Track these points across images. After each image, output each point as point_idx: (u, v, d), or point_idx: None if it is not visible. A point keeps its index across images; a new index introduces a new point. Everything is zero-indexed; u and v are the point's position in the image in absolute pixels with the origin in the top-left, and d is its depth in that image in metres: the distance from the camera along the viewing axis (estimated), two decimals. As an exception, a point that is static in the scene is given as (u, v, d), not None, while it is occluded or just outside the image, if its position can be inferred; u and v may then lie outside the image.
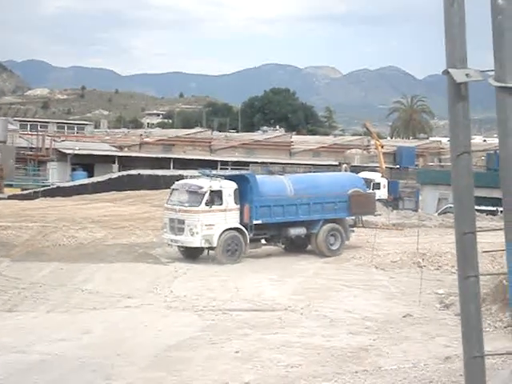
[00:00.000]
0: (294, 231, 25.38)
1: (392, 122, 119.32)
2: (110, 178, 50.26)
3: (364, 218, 31.45)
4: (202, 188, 24.01)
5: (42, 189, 48.92)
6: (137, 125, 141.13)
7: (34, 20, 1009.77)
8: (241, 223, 24.18)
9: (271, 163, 61.01)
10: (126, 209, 37.10)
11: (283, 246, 26.08)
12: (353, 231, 27.11)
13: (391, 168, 64.40)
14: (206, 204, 23.74)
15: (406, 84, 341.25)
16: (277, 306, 17.08)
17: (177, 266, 22.71)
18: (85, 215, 34.35)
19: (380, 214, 41.00)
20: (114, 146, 67.46)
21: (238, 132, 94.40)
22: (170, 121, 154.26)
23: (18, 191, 48.96)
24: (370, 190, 53.08)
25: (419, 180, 52.29)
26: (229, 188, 24.32)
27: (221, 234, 23.74)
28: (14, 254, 23.55)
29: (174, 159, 60.71)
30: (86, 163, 56.78)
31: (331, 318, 15.86)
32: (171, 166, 58.62)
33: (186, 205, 24.00)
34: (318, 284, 20.36)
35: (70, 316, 15.55)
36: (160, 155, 62.70)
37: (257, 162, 61.39)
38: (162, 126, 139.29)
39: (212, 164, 59.85)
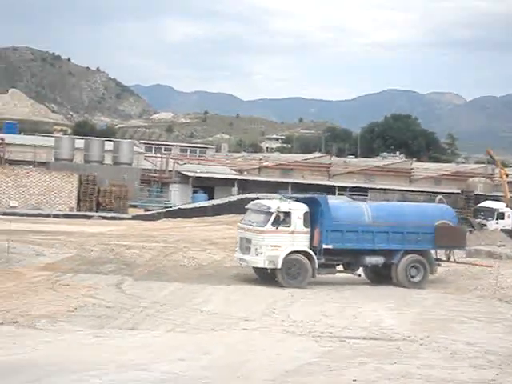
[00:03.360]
0: (370, 259, 24.64)
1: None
2: (229, 201, 50.95)
3: (487, 248, 30.44)
4: (269, 208, 23.93)
5: (165, 210, 50.19)
6: (256, 149, 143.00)
7: (161, 46, 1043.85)
8: (311, 247, 23.84)
9: (390, 190, 60.29)
10: (245, 232, 37.41)
11: (359, 275, 25.26)
12: (439, 265, 25.82)
13: (516, 198, 62.19)
14: (273, 225, 23.60)
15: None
16: (395, 335, 16.77)
17: (293, 290, 22.71)
18: (204, 237, 35.02)
19: (504, 245, 39.63)
20: (233, 170, 68.62)
21: (356, 158, 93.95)
22: (289, 145, 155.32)
23: (141, 212, 50.48)
24: (494, 220, 52.01)
25: (546, 210, 50.36)
26: (298, 210, 24.02)
27: (285, 256, 23.47)
28: (136, 273, 24.23)
29: (293, 184, 60.92)
30: (207, 186, 57.93)
31: (452, 349, 15.42)
32: (289, 191, 58.86)
33: (254, 224, 24.11)
34: (438, 315, 19.88)
35: (189, 336, 15.79)
36: (279, 179, 63.12)
37: (375, 188, 60.79)
38: (281, 150, 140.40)
39: (330, 189, 59.75)
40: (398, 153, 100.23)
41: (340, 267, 25.18)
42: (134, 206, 51.86)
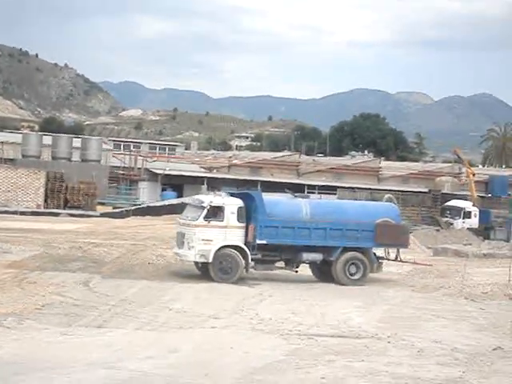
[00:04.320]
0: (308, 256, 24.55)
1: (484, 150, 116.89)
2: (198, 199, 50.82)
3: (454, 247, 30.68)
4: (202, 203, 24.00)
5: (133, 208, 50.01)
6: (226, 147, 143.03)
7: (130, 43, 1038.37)
8: (246, 242, 23.83)
9: (358, 188, 60.65)
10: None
11: (296, 271, 25.02)
12: (380, 263, 25.46)
13: (483, 197, 63.01)
14: (205, 219, 23.57)
15: (499, 112, 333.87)
16: (363, 333, 16.87)
17: (262, 288, 22.77)
18: (173, 235, 34.82)
19: (470, 244, 40.13)
20: (203, 168, 68.49)
21: (326, 156, 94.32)
22: (259, 143, 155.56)
23: (109, 209, 50.21)
24: (461, 219, 52.61)
25: (512, 210, 51.07)
26: (232, 205, 23.96)
27: (217, 251, 23.47)
28: (104, 271, 24.10)
29: (262, 182, 61.05)
30: (176, 183, 57.82)
31: (419, 347, 15.55)
32: (258, 188, 58.93)
33: (188, 219, 24.23)
34: (406, 313, 20.03)
35: (157, 334, 15.75)
36: (248, 177, 63.19)
37: (344, 187, 61.10)
38: (250, 148, 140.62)
39: (299, 187, 59.94)
40: (366, 151, 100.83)
41: (282, 264, 24.89)
42: (103, 204, 51.60)
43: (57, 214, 45.95)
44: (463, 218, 52.93)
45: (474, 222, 52.80)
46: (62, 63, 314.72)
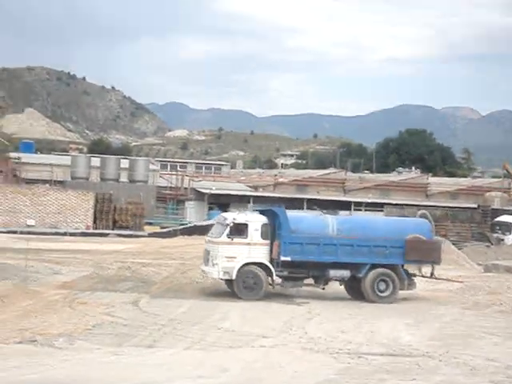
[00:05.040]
0: (335, 273, 24.20)
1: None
2: (245, 218, 50.88)
3: (505, 263, 30.02)
4: (226, 220, 24.02)
5: (181, 227, 50.28)
6: (271, 165, 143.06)
7: (175, 63, 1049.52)
8: (271, 259, 23.72)
9: (406, 205, 60.09)
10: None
11: (323, 288, 24.71)
12: (412, 280, 24.88)
13: (533, 211, 61.82)
14: (228, 236, 23.61)
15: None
16: (414, 351, 16.65)
17: (311, 306, 22.66)
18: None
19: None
20: (249, 186, 68.66)
21: (372, 173, 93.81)
22: (304, 161, 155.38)
23: (157, 229, 50.56)
24: (510, 234, 51.66)
25: None
26: (255, 222, 23.96)
27: (240, 268, 23.43)
28: (153, 291, 24.27)
29: (308, 199, 60.90)
30: (223, 202, 57.95)
31: (471, 365, 15.30)
32: (305, 207, 58.82)
33: (213, 236, 24.36)
34: (457, 330, 19.74)
35: (207, 353, 15.75)
36: (294, 195, 63.10)
37: (391, 204, 60.62)
38: (295, 166, 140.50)
39: (345, 205, 59.68)
40: (413, 168, 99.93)
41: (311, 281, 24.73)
42: (150, 224, 51.96)
43: (106, 235, 46.46)
44: (512, 234, 51.96)
45: (523, 237, 51.82)
46: (109, 86, 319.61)
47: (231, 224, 23.78)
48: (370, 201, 63.40)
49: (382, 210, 57.71)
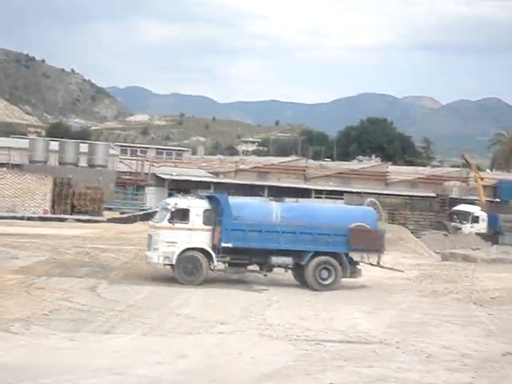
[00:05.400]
0: (277, 260, 24.25)
1: (492, 155, 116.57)
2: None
3: (462, 252, 30.38)
4: (168, 205, 24.08)
5: (141, 213, 50.00)
6: (232, 152, 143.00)
7: (136, 47, 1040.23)
8: (213, 245, 23.82)
9: (366, 193, 60.52)
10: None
11: (265, 275, 24.70)
12: (356, 268, 24.74)
13: (491, 201, 62.82)
14: (169, 221, 23.70)
15: (507, 116, 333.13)
16: (371, 338, 16.79)
17: (270, 293, 22.70)
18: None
19: (479, 249, 39.99)
20: (210, 172, 68.57)
21: (333, 161, 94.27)
22: (266, 148, 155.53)
23: (116, 215, 50.23)
24: (469, 223, 52.41)
25: (520, 214, 50.92)
26: (197, 207, 23.97)
27: (180, 253, 23.52)
28: (111, 277, 24.09)
29: (269, 186, 61.00)
30: (183, 188, 57.61)
31: (428, 353, 15.47)
32: (265, 193, 58.90)
33: (155, 221, 24.51)
34: (414, 318, 19.94)
35: (165, 340, 15.69)
36: (255, 182, 63.18)
37: (351, 192, 61.01)
38: (257, 153, 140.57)
39: (306, 192, 59.93)
40: (373, 156, 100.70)
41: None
42: (110, 209, 51.60)
43: (64, 220, 45.98)
44: (471, 223, 52.74)
45: (482, 226, 52.61)
46: (69, 69, 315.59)
47: (172, 209, 23.78)
48: (330, 188, 63.77)
49: (342, 198, 58.03)
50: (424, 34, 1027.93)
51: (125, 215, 49.54)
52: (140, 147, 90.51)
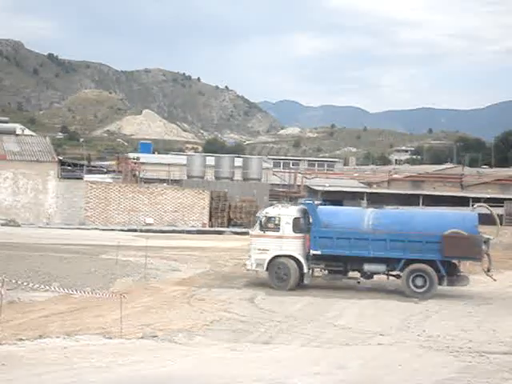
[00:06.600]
0: (370, 267, 23.93)
1: None
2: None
3: None
4: (260, 214, 24.80)
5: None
6: (385, 161, 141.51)
7: (287, 62, 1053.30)
8: (306, 253, 24.06)
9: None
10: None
11: (358, 282, 24.53)
12: (460, 276, 23.88)
13: None
14: (260, 229, 24.27)
15: None
16: (538, 350, 16.05)
17: (428, 304, 22.23)
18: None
19: None
20: (362, 183, 68.14)
21: (491, 168, 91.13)
22: (419, 157, 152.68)
23: (271, 227, 50.81)
24: None
25: None
26: (287, 216, 24.23)
27: (271, 260, 23.90)
28: (269, 288, 24.39)
29: (424, 196, 59.80)
30: (336, 199, 57.66)
31: None
32: (420, 203, 57.81)
33: (251, 230, 25.36)
34: None
35: (323, 350, 15.72)
36: (409, 192, 62.17)
37: (511, 199, 58.63)
38: (410, 162, 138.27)
39: (463, 201, 58.22)
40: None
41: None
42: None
43: (221, 232, 47.22)
44: None
45: None
46: (223, 86, 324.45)
47: (263, 218, 24.49)
48: (488, 196, 61.56)
49: (502, 206, 55.96)
50: None
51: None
52: (292, 159, 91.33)
